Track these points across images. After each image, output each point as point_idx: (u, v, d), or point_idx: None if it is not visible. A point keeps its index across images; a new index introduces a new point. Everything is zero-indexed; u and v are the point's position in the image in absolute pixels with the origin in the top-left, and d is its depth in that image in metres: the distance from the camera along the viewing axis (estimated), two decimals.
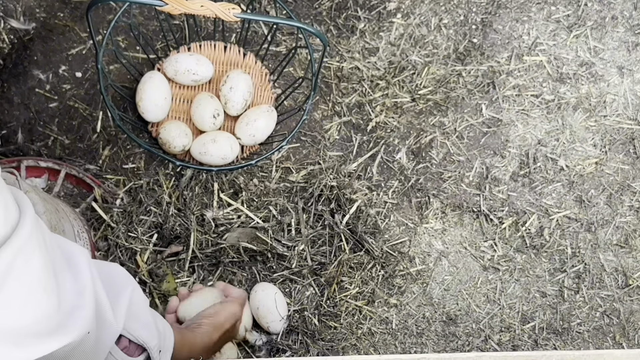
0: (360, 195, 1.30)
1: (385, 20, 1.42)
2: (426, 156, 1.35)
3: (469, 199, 1.33)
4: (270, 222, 1.27)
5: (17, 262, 0.57)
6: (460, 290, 1.30)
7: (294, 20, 1.30)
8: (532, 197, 1.34)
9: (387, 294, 1.27)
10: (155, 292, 1.21)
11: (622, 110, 1.40)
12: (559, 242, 1.32)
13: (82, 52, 1.34)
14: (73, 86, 1.33)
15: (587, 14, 1.45)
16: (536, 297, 1.30)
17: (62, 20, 1.36)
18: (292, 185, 1.30)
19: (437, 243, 1.31)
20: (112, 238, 1.23)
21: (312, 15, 1.41)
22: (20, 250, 0.57)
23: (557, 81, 1.41)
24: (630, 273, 1.32)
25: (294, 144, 1.33)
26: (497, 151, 1.36)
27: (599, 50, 1.43)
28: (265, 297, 1.19)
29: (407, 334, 1.27)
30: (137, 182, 1.27)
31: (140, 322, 0.83)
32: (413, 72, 1.38)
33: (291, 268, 1.25)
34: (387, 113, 1.36)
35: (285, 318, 1.19)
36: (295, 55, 1.37)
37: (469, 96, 1.39)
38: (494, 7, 1.45)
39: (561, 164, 1.36)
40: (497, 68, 1.40)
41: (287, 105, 1.35)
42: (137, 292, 0.84)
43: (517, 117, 1.39)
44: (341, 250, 1.27)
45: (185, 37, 1.35)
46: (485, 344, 1.27)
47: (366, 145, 1.35)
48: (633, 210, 1.35)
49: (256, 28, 1.39)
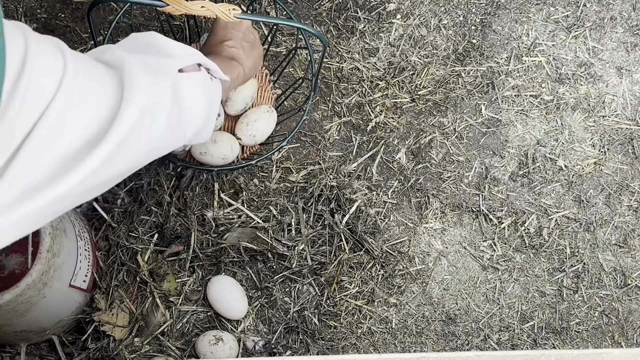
0: (360, 195, 1.31)
1: (385, 21, 1.42)
2: (426, 156, 1.35)
3: (468, 199, 1.34)
4: (271, 222, 1.27)
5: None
6: (459, 290, 1.30)
7: (294, 21, 1.30)
8: (531, 197, 1.35)
9: (387, 294, 1.28)
10: (156, 291, 1.22)
11: (621, 111, 1.41)
12: (558, 241, 1.33)
13: (83, 52, 1.35)
14: None
15: (586, 15, 1.46)
16: (535, 297, 1.31)
17: (63, 21, 1.36)
18: (292, 185, 1.30)
19: (436, 243, 1.32)
20: (113, 238, 1.23)
21: (312, 16, 1.42)
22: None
23: (556, 82, 1.41)
24: (629, 273, 1.33)
25: (294, 144, 1.34)
26: (497, 151, 1.37)
27: (597, 50, 1.44)
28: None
29: (406, 333, 1.27)
30: (138, 182, 1.28)
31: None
32: (413, 72, 1.39)
33: (291, 268, 1.25)
34: (386, 113, 1.37)
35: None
36: (296, 56, 1.38)
37: (469, 96, 1.39)
38: (493, 7, 1.45)
39: (560, 164, 1.37)
40: (497, 68, 1.41)
41: (287, 106, 1.36)
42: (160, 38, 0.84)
43: (516, 117, 1.39)
44: (341, 250, 1.27)
45: (185, 37, 1.36)
46: (485, 343, 1.27)
47: (366, 145, 1.35)
48: (632, 210, 1.36)
49: (256, 28, 1.39)
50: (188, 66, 0.83)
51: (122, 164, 0.68)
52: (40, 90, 0.56)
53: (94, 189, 0.67)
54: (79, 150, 0.61)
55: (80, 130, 0.61)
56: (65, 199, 0.61)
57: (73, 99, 0.60)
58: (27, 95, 0.55)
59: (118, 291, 1.21)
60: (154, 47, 0.80)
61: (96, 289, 1.22)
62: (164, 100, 0.74)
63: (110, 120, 0.64)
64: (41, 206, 0.59)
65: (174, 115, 0.76)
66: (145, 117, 0.68)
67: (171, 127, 0.76)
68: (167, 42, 0.82)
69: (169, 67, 0.77)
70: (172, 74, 0.77)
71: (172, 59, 0.79)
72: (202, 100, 0.85)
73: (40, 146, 0.57)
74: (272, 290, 1.25)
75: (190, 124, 0.82)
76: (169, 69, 0.77)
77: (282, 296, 1.26)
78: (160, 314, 1.22)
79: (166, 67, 0.77)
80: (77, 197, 0.64)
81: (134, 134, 0.67)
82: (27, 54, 0.55)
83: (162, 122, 0.73)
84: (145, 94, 0.69)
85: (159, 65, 0.76)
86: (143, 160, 0.73)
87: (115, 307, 1.20)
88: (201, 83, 0.85)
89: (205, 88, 0.86)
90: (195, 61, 0.85)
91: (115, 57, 0.72)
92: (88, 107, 0.62)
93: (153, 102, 0.71)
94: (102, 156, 0.62)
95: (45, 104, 0.57)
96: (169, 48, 0.81)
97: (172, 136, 0.78)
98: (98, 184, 0.66)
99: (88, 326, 1.19)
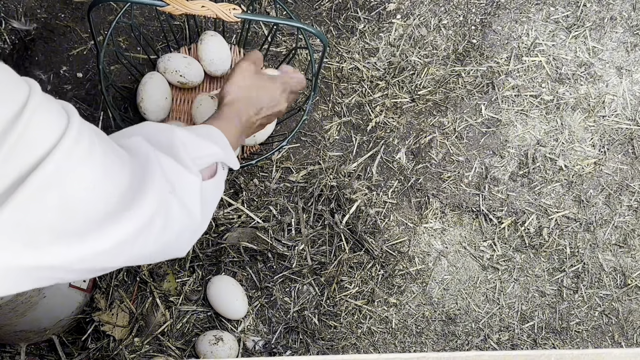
0: (360, 195, 1.31)
1: (385, 21, 1.42)
2: (426, 156, 1.35)
3: (468, 198, 1.34)
4: (271, 221, 1.27)
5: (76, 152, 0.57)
6: (459, 290, 1.30)
7: (294, 20, 1.30)
8: (531, 197, 1.35)
9: (387, 294, 1.28)
10: (156, 291, 1.22)
11: (621, 111, 1.41)
12: (558, 241, 1.33)
13: (83, 52, 1.35)
14: (74, 86, 1.33)
15: (586, 15, 1.46)
16: (535, 297, 1.31)
17: (63, 21, 1.36)
18: (292, 185, 1.30)
19: (436, 243, 1.32)
20: None
21: (312, 16, 1.42)
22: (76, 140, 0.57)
23: (556, 82, 1.41)
24: (629, 273, 1.33)
25: (294, 144, 1.34)
26: (497, 151, 1.37)
27: (597, 50, 1.44)
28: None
29: (406, 333, 1.27)
30: None
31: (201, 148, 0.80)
32: (413, 72, 1.39)
33: (291, 267, 1.25)
34: (386, 113, 1.37)
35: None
36: (296, 56, 1.38)
37: (469, 96, 1.39)
38: (493, 7, 1.45)
39: (560, 164, 1.37)
40: (497, 68, 1.41)
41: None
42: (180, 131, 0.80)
43: (516, 117, 1.39)
44: (341, 249, 1.27)
45: (185, 37, 1.36)
46: (485, 343, 1.27)
47: (366, 145, 1.35)
48: (632, 210, 1.36)
49: (256, 29, 1.39)
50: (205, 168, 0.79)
51: (122, 258, 0.64)
52: (38, 137, 0.54)
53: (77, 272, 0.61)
54: (79, 219, 0.58)
55: (80, 191, 0.58)
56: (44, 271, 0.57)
57: (74, 154, 0.57)
58: (23, 139, 0.53)
59: (118, 291, 1.21)
60: (173, 149, 0.75)
61: (96, 288, 1.22)
62: (177, 216, 0.70)
63: (120, 203, 0.60)
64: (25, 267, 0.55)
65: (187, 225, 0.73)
66: (156, 219, 0.65)
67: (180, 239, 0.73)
68: (188, 142, 0.77)
69: (193, 183, 0.74)
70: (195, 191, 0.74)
71: (195, 175, 0.75)
72: (216, 202, 0.83)
73: (33, 196, 0.54)
74: (272, 290, 1.25)
75: (205, 222, 0.79)
76: (194, 187, 0.74)
77: (282, 296, 1.26)
78: (160, 314, 1.21)
79: (191, 185, 0.73)
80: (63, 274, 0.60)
81: (143, 231, 0.63)
82: (28, 102, 0.54)
83: (176, 228, 0.70)
84: (163, 199, 0.66)
85: (182, 181, 0.72)
86: (139, 260, 0.69)
87: (115, 307, 1.20)
88: (218, 186, 0.82)
89: (219, 188, 0.83)
90: (216, 160, 0.81)
91: (139, 147, 0.69)
92: (92, 170, 0.59)
93: (165, 211, 0.67)
94: (111, 239, 0.59)
95: (42, 152, 0.54)
96: (189, 150, 0.77)
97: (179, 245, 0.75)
98: (83, 269, 0.61)
99: (88, 326, 1.19)
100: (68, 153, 0.56)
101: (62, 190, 0.56)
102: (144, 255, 0.68)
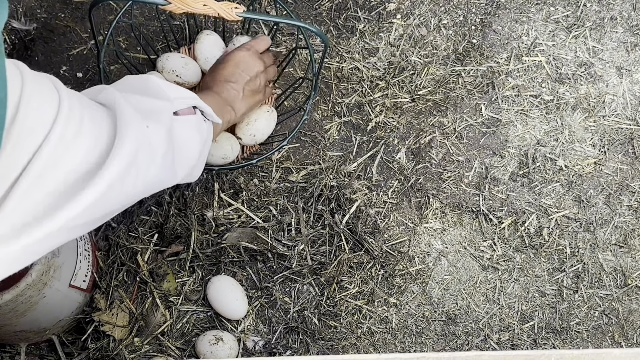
0: (360, 195, 1.31)
1: (385, 20, 1.42)
2: (426, 156, 1.35)
3: (468, 198, 1.34)
4: (271, 222, 1.27)
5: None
6: (459, 290, 1.30)
7: (295, 19, 1.30)
8: (531, 197, 1.35)
9: (387, 294, 1.28)
10: (156, 291, 1.21)
11: (621, 111, 1.41)
12: (558, 241, 1.33)
13: (83, 52, 1.35)
14: (74, 86, 1.33)
15: (586, 15, 1.46)
16: (535, 297, 1.31)
17: (63, 20, 1.36)
18: (292, 185, 1.30)
19: (436, 243, 1.32)
20: (113, 238, 1.23)
21: (312, 16, 1.42)
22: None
23: (556, 81, 1.41)
24: (629, 273, 1.33)
25: (294, 144, 1.34)
26: (497, 151, 1.37)
27: (597, 50, 1.44)
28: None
29: (406, 333, 1.27)
30: None
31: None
32: (413, 72, 1.39)
33: (291, 267, 1.25)
34: (386, 113, 1.37)
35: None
36: (296, 56, 1.38)
37: (469, 96, 1.39)
38: (493, 7, 1.45)
39: (560, 164, 1.37)
40: (497, 68, 1.41)
41: (287, 106, 1.36)
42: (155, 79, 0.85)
43: (516, 117, 1.39)
44: (341, 250, 1.27)
45: (185, 37, 1.36)
46: (485, 343, 1.27)
47: (366, 145, 1.35)
48: (632, 210, 1.36)
49: (256, 29, 1.39)
50: (183, 109, 0.84)
51: (114, 202, 0.69)
52: (36, 125, 0.58)
53: (88, 224, 0.68)
54: (73, 185, 0.62)
55: (75, 165, 0.62)
56: (60, 233, 0.62)
57: (67, 135, 0.60)
58: (23, 130, 0.56)
59: (118, 291, 1.21)
60: (149, 90, 0.81)
61: (96, 289, 1.21)
62: (157, 142, 0.75)
63: (103, 158, 0.65)
64: (38, 239, 0.59)
65: (167, 157, 0.77)
66: (138, 157, 0.69)
67: (164, 168, 0.77)
68: (163, 84, 0.83)
69: (164, 109, 0.79)
70: (167, 116, 0.79)
71: (168, 101, 0.81)
72: (196, 142, 0.87)
73: (36, 179, 0.57)
74: (272, 290, 1.25)
75: (183, 166, 0.84)
76: (164, 112, 0.79)
77: (282, 296, 1.26)
78: (160, 314, 1.21)
79: (161, 110, 0.78)
80: (71, 231, 0.65)
81: (128, 172, 0.68)
82: (23, 91, 0.56)
83: (156, 163, 0.74)
84: (139, 135, 0.70)
85: (154, 108, 0.77)
86: (135, 198, 0.74)
87: (115, 307, 1.20)
88: (195, 126, 0.87)
89: (199, 130, 0.88)
90: (191, 104, 0.86)
91: (109, 98, 0.73)
92: (82, 143, 0.63)
93: (146, 143, 0.72)
94: (95, 193, 0.63)
95: (40, 139, 0.58)
96: (165, 91, 0.82)
97: (165, 176, 0.80)
98: (92, 220, 0.67)
99: (88, 326, 1.19)
100: (62, 135, 0.59)
101: (59, 170, 0.60)
102: (138, 190, 0.72)
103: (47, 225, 0.59)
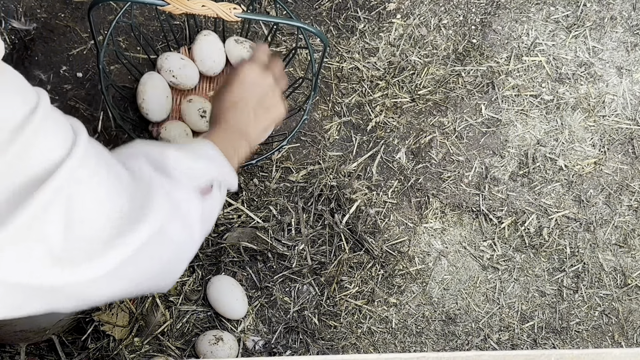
0: (360, 195, 1.31)
1: (385, 20, 1.42)
2: (426, 156, 1.35)
3: (468, 198, 1.34)
4: (270, 221, 1.27)
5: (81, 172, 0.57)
6: (459, 290, 1.30)
7: (295, 20, 1.30)
8: (531, 197, 1.35)
9: (387, 294, 1.28)
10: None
11: (621, 111, 1.41)
12: (558, 241, 1.33)
13: (83, 52, 1.35)
14: (74, 86, 1.33)
15: (586, 15, 1.46)
16: (535, 297, 1.31)
17: (63, 20, 1.36)
18: (292, 185, 1.30)
19: (436, 243, 1.32)
20: None
21: (312, 16, 1.42)
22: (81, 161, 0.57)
23: (556, 81, 1.41)
24: (629, 272, 1.33)
25: (294, 144, 1.34)
26: (497, 151, 1.37)
27: (597, 50, 1.44)
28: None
29: (406, 333, 1.27)
30: None
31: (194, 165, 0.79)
32: (413, 72, 1.39)
33: (291, 267, 1.25)
34: (386, 113, 1.37)
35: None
36: (296, 56, 1.38)
37: (469, 96, 1.39)
38: (493, 7, 1.45)
39: (560, 164, 1.37)
40: (497, 68, 1.41)
41: (287, 106, 1.36)
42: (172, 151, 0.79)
43: (516, 117, 1.39)
44: (341, 249, 1.27)
45: (185, 37, 1.36)
46: (485, 343, 1.27)
47: (366, 145, 1.35)
48: (632, 210, 1.36)
49: (256, 29, 1.39)
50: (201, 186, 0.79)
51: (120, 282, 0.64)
52: (42, 149, 0.54)
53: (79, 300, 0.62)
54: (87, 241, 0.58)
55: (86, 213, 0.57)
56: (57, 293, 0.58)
57: (77, 179, 0.56)
58: (27, 148, 0.52)
59: None
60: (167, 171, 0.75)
61: None
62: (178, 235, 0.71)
63: (125, 226, 0.61)
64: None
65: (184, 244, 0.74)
66: (161, 237, 0.66)
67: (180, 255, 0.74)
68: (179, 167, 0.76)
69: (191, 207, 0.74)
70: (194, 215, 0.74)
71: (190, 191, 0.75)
72: (213, 221, 0.82)
73: (36, 215, 0.53)
74: (272, 290, 1.25)
75: (200, 240, 0.79)
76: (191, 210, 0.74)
77: (282, 296, 1.26)
78: (160, 314, 1.21)
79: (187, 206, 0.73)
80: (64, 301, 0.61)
81: (148, 249, 0.63)
82: (37, 109, 0.53)
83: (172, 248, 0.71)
84: (165, 222, 0.66)
85: (180, 202, 0.72)
86: (141, 282, 0.69)
87: (115, 307, 1.20)
88: (217, 206, 0.82)
89: (216, 208, 0.82)
90: (208, 182, 0.80)
91: (143, 171, 0.70)
92: (99, 193, 0.59)
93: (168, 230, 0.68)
94: (110, 262, 0.59)
95: (44, 168, 0.54)
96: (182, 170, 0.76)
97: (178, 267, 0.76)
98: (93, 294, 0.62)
99: (88, 326, 1.19)
100: (73, 173, 0.55)
101: (66, 211, 0.55)
102: (141, 277, 0.67)
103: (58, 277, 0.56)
